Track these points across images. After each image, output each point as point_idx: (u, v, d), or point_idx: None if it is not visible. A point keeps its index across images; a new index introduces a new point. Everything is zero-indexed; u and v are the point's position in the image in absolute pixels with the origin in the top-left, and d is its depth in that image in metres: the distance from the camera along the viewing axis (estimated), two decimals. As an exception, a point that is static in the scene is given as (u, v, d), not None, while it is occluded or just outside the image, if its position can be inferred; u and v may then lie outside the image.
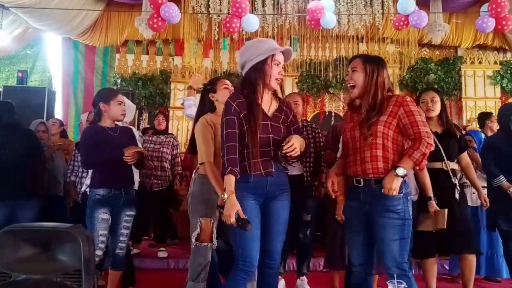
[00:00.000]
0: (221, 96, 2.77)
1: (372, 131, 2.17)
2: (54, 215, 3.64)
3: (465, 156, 3.17)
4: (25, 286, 1.94)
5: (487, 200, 3.26)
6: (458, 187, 2.98)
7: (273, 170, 2.18)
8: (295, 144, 2.10)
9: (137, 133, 3.46)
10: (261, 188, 2.19)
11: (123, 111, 3.01)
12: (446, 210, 2.49)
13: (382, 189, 2.12)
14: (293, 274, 3.73)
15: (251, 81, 2.21)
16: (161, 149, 4.71)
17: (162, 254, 4.57)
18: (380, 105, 2.20)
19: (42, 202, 3.54)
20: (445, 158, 2.95)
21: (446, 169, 2.95)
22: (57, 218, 3.50)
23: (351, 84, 2.28)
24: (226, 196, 2.05)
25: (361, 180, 2.22)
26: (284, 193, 2.26)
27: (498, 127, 3.80)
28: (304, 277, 3.57)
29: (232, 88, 2.86)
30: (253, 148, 2.12)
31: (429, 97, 3.09)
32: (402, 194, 2.15)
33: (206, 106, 2.85)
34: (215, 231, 2.71)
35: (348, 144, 2.31)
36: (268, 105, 2.26)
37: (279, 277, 3.49)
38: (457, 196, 2.94)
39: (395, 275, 2.06)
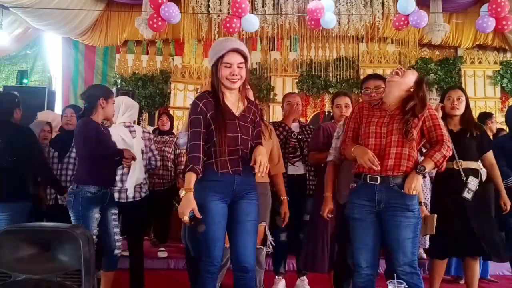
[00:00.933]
0: None
1: (412, 134, 2.20)
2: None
3: (489, 156, 3.11)
4: (25, 286, 1.94)
5: (508, 204, 3.15)
6: (471, 187, 2.85)
7: (241, 168, 2.18)
8: (262, 161, 2.11)
9: (139, 131, 3.43)
10: (228, 186, 2.17)
11: (114, 111, 3.05)
12: (436, 216, 2.47)
13: (403, 188, 2.15)
14: (293, 274, 3.73)
15: (212, 82, 2.26)
16: (163, 149, 4.71)
17: (162, 254, 4.56)
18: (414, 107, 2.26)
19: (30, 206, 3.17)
20: (456, 157, 2.92)
21: (457, 168, 2.91)
22: None
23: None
24: (183, 193, 2.05)
25: (378, 177, 2.21)
26: (252, 192, 2.23)
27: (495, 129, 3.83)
28: (304, 277, 3.56)
29: None
30: (220, 147, 2.13)
31: (456, 96, 3.05)
32: (417, 193, 2.19)
33: None
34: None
35: (368, 139, 2.29)
36: (236, 105, 2.25)
37: (279, 277, 3.50)
38: (466, 195, 2.89)
39: (406, 273, 2.10)
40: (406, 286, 1.89)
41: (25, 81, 7.04)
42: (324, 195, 2.67)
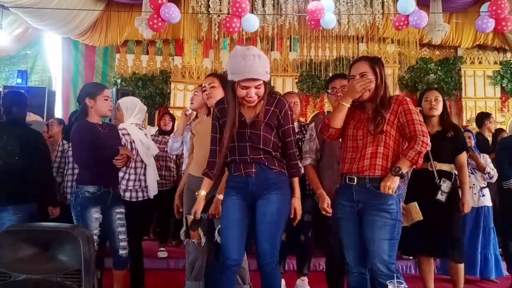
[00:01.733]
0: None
1: (380, 129, 2.18)
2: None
3: (461, 157, 3.12)
4: (25, 286, 1.94)
5: (467, 205, 3.09)
6: (444, 189, 2.88)
7: (253, 170, 2.20)
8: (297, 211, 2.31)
9: (140, 133, 3.43)
10: (244, 187, 2.23)
11: (110, 107, 2.95)
12: (415, 203, 2.48)
13: (379, 188, 2.13)
14: (293, 274, 3.73)
15: (227, 90, 2.29)
16: (166, 149, 4.71)
17: (162, 254, 4.56)
18: (388, 104, 2.22)
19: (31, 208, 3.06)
20: (431, 158, 2.92)
21: (431, 169, 2.92)
22: None
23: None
24: (196, 194, 2.31)
25: (355, 178, 2.22)
26: (272, 191, 2.22)
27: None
28: (305, 277, 3.56)
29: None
30: (231, 155, 2.25)
31: (433, 96, 3.08)
32: (396, 194, 2.16)
33: None
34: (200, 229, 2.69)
35: (347, 141, 2.30)
36: (252, 110, 2.24)
37: (279, 277, 3.50)
38: (440, 197, 2.90)
39: (385, 276, 2.08)
40: (406, 286, 1.88)
41: (19, 80, 7.02)
42: (318, 193, 2.68)
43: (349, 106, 2.26)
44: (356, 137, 2.26)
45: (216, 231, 2.59)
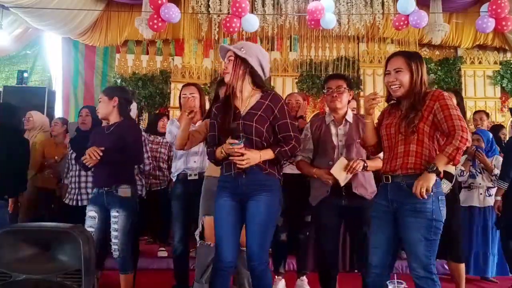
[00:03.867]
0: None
1: (411, 129, 2.12)
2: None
3: None
4: (25, 286, 1.94)
5: None
6: (444, 190, 2.87)
7: (243, 169, 2.20)
8: (246, 159, 2.15)
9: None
10: (235, 187, 2.24)
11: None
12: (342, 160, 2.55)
13: (413, 188, 2.06)
14: (293, 274, 3.73)
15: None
16: (158, 149, 4.71)
17: (162, 254, 4.57)
18: (422, 101, 2.15)
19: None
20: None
21: None
22: None
23: (397, 86, 2.20)
24: None
25: (389, 177, 2.19)
26: (261, 192, 2.21)
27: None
28: (304, 277, 3.56)
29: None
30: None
31: None
32: (432, 193, 2.07)
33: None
34: None
35: (383, 142, 2.28)
36: (246, 101, 2.29)
37: (279, 277, 3.50)
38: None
39: (420, 277, 2.04)
40: (406, 287, 1.88)
41: (19, 80, 7.01)
42: (313, 172, 2.69)
43: (371, 121, 2.31)
44: (389, 136, 2.23)
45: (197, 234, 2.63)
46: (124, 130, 2.96)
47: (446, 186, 2.89)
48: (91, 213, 2.87)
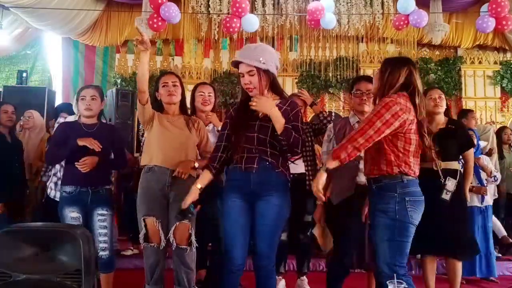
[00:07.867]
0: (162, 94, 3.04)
1: None
2: None
3: (467, 154, 3.12)
4: (25, 286, 1.94)
5: (468, 197, 3.19)
6: (449, 188, 2.86)
7: (255, 166, 2.20)
8: (259, 104, 2.18)
9: None
10: (245, 186, 2.22)
11: (86, 106, 2.96)
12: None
13: (380, 188, 2.17)
14: (293, 274, 3.73)
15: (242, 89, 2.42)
16: None
17: (128, 252, 4.57)
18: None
19: None
20: (435, 158, 2.90)
21: (436, 169, 2.89)
22: None
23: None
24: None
25: (367, 179, 2.30)
26: (272, 193, 2.22)
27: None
28: (304, 277, 3.56)
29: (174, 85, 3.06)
30: (237, 144, 2.25)
31: (437, 94, 3.11)
32: (396, 194, 2.12)
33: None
34: (161, 230, 2.66)
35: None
36: None
37: (279, 277, 3.50)
38: (444, 197, 2.88)
39: (384, 275, 2.07)
40: (406, 286, 1.88)
41: (18, 80, 7.00)
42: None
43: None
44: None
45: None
46: (112, 133, 3.09)
47: (451, 184, 2.87)
48: (73, 214, 2.80)
